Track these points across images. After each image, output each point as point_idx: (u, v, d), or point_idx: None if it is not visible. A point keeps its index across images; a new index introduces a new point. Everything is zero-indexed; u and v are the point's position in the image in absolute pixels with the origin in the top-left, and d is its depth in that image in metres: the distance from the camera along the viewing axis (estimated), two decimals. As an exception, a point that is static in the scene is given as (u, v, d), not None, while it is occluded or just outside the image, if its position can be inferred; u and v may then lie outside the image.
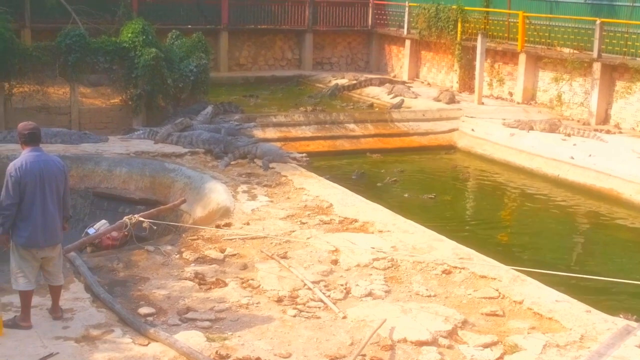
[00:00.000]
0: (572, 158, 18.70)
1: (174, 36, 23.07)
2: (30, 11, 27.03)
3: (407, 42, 30.64)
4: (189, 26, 28.16)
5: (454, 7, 27.73)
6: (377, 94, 27.14)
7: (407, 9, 30.65)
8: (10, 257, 8.35)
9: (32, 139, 8.23)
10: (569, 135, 20.25)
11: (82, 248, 11.48)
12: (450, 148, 22.01)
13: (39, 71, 19.74)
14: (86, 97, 21.31)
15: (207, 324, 8.48)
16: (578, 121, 22.51)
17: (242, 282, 9.75)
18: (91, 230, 12.28)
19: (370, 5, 33.15)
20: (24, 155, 8.18)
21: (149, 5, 28.94)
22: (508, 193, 18.55)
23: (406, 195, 17.35)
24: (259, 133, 20.46)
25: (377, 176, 18.97)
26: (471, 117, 22.86)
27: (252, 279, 9.84)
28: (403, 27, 31.03)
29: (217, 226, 11.98)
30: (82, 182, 15.55)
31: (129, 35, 20.33)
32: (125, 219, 11.13)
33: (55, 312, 8.52)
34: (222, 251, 10.86)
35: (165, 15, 28.56)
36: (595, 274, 10.83)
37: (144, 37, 20.26)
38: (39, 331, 8.15)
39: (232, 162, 16.42)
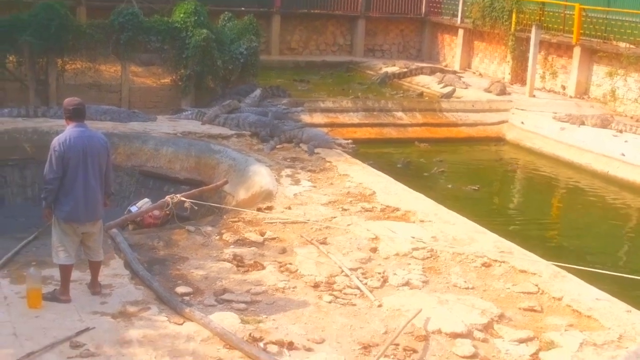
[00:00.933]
0: (623, 155, 18.37)
1: (226, 18, 23.13)
2: (86, -11, 27.31)
3: (460, 32, 30.35)
4: (242, 8, 28.20)
5: (509, -3, 27.40)
6: (428, 83, 26.95)
7: (461, -3, 30.36)
8: (52, 230, 8.48)
9: (76, 114, 8.32)
10: (620, 131, 19.89)
11: (124, 225, 11.61)
12: (499, 140, 21.79)
13: (91, 48, 19.93)
14: (137, 76, 21.48)
15: (242, 305, 8.52)
16: (631, 117, 22.09)
17: (280, 266, 9.78)
18: (134, 208, 12.40)
19: (424, -7, 32.89)
20: (68, 131, 8.28)
21: (203, -13, 29.03)
22: (555, 188, 18.32)
23: (450, 186, 17.24)
24: (306, 118, 20.45)
25: (423, 166, 18.88)
26: (521, 109, 22.59)
27: (290, 263, 9.86)
28: (457, 16, 30.73)
29: (259, 209, 12.02)
30: (129, 160, 15.72)
31: (181, 15, 20.44)
32: (167, 198, 11.22)
33: (94, 287, 8.63)
34: (262, 234, 10.89)
35: (218, -2, 28.66)
36: (637, 272, 10.63)
37: (196, 18, 20.35)
38: (77, 305, 8.27)
39: (278, 146, 16.45)
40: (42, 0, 19.97)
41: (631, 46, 23.09)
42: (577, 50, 24.64)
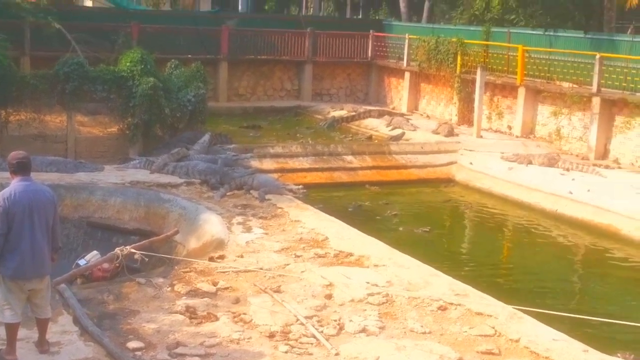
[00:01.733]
0: (571, 193, 18.60)
1: (172, 65, 23.11)
2: (30, 39, 27.07)
3: (407, 74, 30.67)
4: (189, 56, 28.19)
5: (454, 40, 27.80)
6: (376, 126, 27.12)
7: (407, 41, 30.72)
8: (-3, 288, 8.20)
9: (20, 168, 8.12)
10: (567, 169, 20.17)
11: (72, 280, 11.33)
12: (449, 181, 21.92)
13: (36, 99, 19.74)
14: (83, 125, 21.27)
15: (196, 359, 8.32)
16: (577, 156, 22.45)
17: (234, 317, 9.60)
18: (82, 262, 12.13)
19: (370, 37, 33.22)
20: (13, 185, 8.07)
21: (149, 35, 28.99)
22: (506, 228, 18.44)
23: (401, 228, 17.26)
24: (256, 164, 20.38)
25: (375, 209, 18.87)
26: (470, 150, 22.80)
27: (244, 313, 9.69)
28: (403, 59, 31.08)
29: (211, 259, 11.84)
30: (76, 211, 15.43)
31: (128, 64, 20.35)
32: (117, 250, 10.99)
33: (42, 345, 8.36)
34: (215, 284, 10.71)
35: (165, 45, 28.61)
36: (593, 313, 10.68)
37: (143, 66, 20.28)
38: (25, 365, 7.98)
39: (228, 193, 16.31)
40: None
41: (574, 85, 23.55)
42: (521, 91, 25.04)
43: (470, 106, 26.39)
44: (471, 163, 21.93)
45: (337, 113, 29.44)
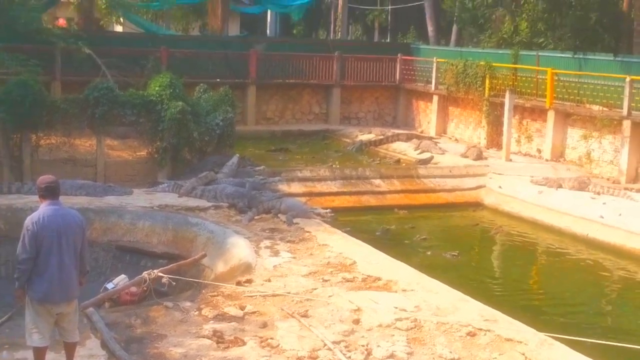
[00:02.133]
0: (602, 217, 18.38)
1: (201, 90, 23.22)
2: (60, 64, 27.40)
3: (435, 98, 30.62)
4: (217, 80, 28.31)
5: (482, 63, 27.73)
6: (404, 150, 27.10)
7: (434, 64, 30.70)
8: (25, 311, 8.24)
9: (49, 192, 8.16)
10: (598, 193, 19.96)
11: (101, 304, 11.36)
12: (477, 205, 21.78)
13: (66, 123, 19.83)
14: (113, 149, 21.36)
15: (223, 384, 8.28)
16: (607, 179, 22.21)
17: (261, 341, 9.56)
18: (110, 285, 12.17)
19: (397, 60, 33.24)
20: (42, 209, 8.11)
21: (178, 59, 29.26)
22: (536, 252, 18.26)
23: (429, 253, 17.15)
24: (284, 187, 20.42)
25: (403, 233, 18.79)
26: (499, 173, 22.67)
27: (272, 338, 9.64)
28: (431, 83, 31.05)
29: (238, 283, 11.82)
30: (105, 235, 15.50)
31: (157, 88, 20.47)
32: (144, 274, 11.01)
33: (70, 369, 8.36)
34: (242, 308, 10.68)
35: (194, 69, 28.86)
36: (627, 341, 10.50)
37: (171, 90, 20.38)
38: (52, 389, 7.98)
39: (256, 217, 16.33)
40: (16, 77, 19.96)
41: (604, 109, 23.35)
42: (551, 114, 24.88)
43: (499, 129, 26.26)
44: (500, 187, 21.79)
45: (365, 136, 29.47)
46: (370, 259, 13.36)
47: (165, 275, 11.07)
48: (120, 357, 8.81)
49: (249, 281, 11.95)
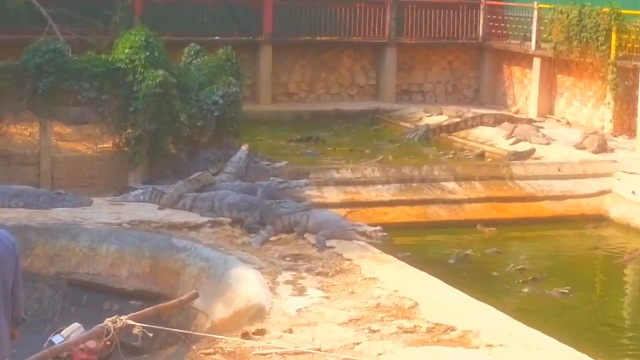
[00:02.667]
0: None
1: (192, 52, 23.29)
2: (-13, 16, 27.61)
3: (536, 62, 30.50)
4: (216, 38, 28.46)
5: (606, 10, 27.54)
6: (491, 138, 27.07)
7: (535, 12, 30.62)
8: None
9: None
10: None
11: (45, 364, 11.40)
12: (600, 219, 21.66)
13: (-6, 102, 20.03)
14: (64, 139, 21.53)
15: None
16: None
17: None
18: (58, 339, 12.20)
19: (481, 7, 33.20)
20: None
21: (158, 9, 29.40)
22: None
23: (526, 290, 17.04)
24: (313, 194, 20.45)
25: (488, 261, 18.73)
26: (631, 173, 22.55)
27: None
28: (530, 40, 30.92)
29: (245, 334, 11.84)
30: (52, 264, 15.58)
31: (127, 51, 20.56)
32: (107, 322, 11.02)
33: None
34: (251, 373, 10.72)
35: (180, 23, 29.03)
36: None
37: (148, 53, 20.46)
38: None
39: (272, 238, 16.37)
40: None
41: None
42: None
43: (632, 107, 26.07)
44: (634, 192, 21.67)
45: (434, 119, 29.47)
46: (440, 299, 13.29)
47: (139, 324, 11.08)
48: None
49: (261, 332, 11.96)
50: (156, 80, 19.93)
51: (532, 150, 24.97)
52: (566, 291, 16.96)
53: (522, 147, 25.36)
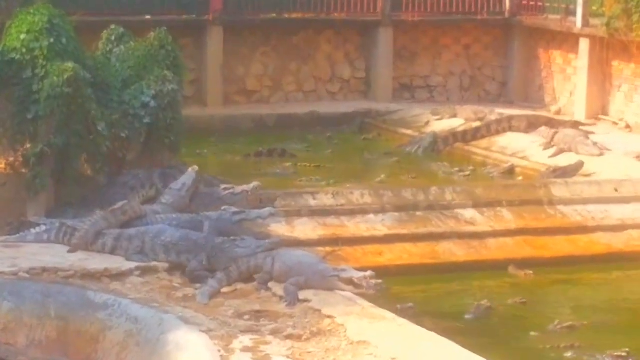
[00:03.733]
0: None
1: (113, 37, 23.31)
2: None
3: (584, 44, 30.65)
4: (146, 17, 28.50)
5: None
6: (523, 149, 27.22)
7: (582, -24, 30.80)
8: None
9: None
10: None
11: None
12: (673, 257, 21.76)
13: None
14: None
15: None
16: None
17: None
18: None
19: (507, -30, 33.43)
20: None
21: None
22: None
23: (569, 354, 17.08)
24: (280, 229, 20.45)
25: (522, 315, 18.80)
26: None
27: None
28: (575, 14, 31.04)
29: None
30: None
31: (23, 36, 20.57)
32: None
33: None
34: None
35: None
36: None
37: (52, 40, 20.48)
38: None
39: (225, 289, 16.39)
40: None
41: None
42: None
43: None
44: None
45: (444, 124, 29.58)
46: (454, 370, 13.35)
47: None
48: None
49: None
50: (64, 76, 19.91)
51: (580, 164, 25.02)
52: (624, 354, 17.02)
53: (566, 160, 25.38)
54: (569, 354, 17.24)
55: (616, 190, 23.15)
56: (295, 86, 32.67)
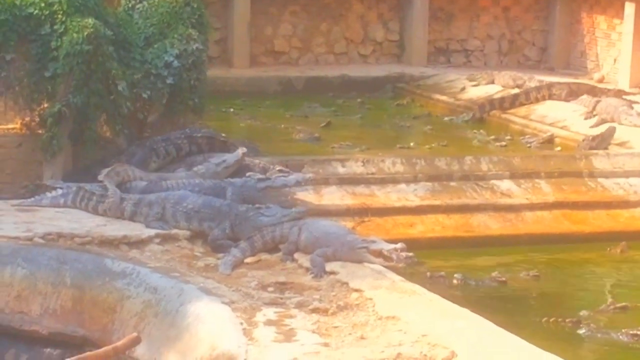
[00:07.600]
0: None
1: (135, -7, 23.34)
2: None
3: (629, 7, 30.48)
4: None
5: None
6: (564, 118, 27.18)
7: None
8: None
9: None
10: None
11: None
12: None
13: None
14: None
15: None
16: None
17: None
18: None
19: None
20: None
21: None
22: None
23: (623, 334, 16.99)
24: (308, 197, 20.43)
25: (560, 292, 18.74)
26: None
27: None
28: (620, -24, 31.00)
29: (207, 398, 11.87)
30: None
31: (40, -9, 20.60)
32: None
33: None
34: None
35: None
36: None
37: (72, -5, 20.50)
38: None
39: (248, 259, 16.40)
40: None
41: None
42: None
43: None
44: None
45: (482, 90, 29.48)
46: (487, 348, 13.28)
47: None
48: None
49: (231, 394, 11.99)
50: (84, 33, 19.91)
51: (612, 129, 24.83)
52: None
53: (608, 130, 25.26)
54: (622, 333, 17.11)
55: (660, 163, 23.10)
56: (325, 48, 32.63)
